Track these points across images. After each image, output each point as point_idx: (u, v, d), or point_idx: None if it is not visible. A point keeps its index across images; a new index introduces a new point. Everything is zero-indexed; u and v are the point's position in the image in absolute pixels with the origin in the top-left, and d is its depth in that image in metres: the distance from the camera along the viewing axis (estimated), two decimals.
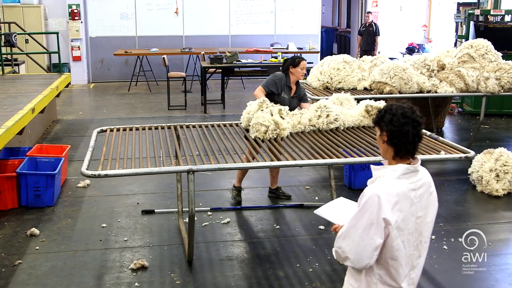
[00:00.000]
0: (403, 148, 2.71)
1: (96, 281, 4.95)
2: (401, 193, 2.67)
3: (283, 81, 6.51)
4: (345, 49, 20.17)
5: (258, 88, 6.50)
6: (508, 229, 6.16)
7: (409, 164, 2.73)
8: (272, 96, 6.39)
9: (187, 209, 4.87)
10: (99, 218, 6.29)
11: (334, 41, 22.13)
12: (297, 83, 6.67)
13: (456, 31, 14.79)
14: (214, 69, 12.48)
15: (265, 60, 13.05)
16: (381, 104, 5.90)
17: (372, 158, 4.96)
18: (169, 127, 5.96)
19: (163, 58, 12.89)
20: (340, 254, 2.75)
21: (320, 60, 9.74)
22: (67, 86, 11.91)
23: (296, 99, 6.65)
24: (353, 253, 2.68)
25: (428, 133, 5.63)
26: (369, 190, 2.68)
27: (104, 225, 6.10)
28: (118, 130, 5.81)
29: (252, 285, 4.88)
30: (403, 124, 2.68)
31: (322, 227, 6.06)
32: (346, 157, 4.99)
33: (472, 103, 11.84)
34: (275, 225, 6.13)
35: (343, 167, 7.45)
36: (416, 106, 2.78)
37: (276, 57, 13.08)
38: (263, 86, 6.48)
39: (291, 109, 6.13)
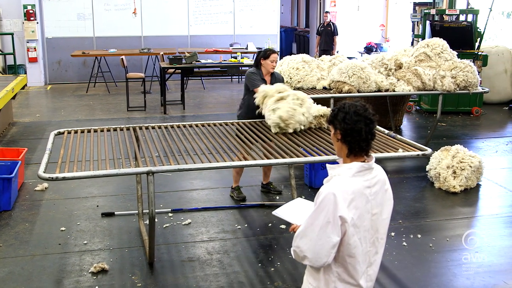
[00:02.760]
0: (357, 145, 2.73)
1: (55, 285, 4.87)
2: (357, 191, 2.69)
3: (258, 74, 6.57)
4: (304, 48, 20.29)
5: (255, 90, 6.50)
6: (465, 224, 6.28)
7: (364, 161, 2.76)
8: (251, 91, 6.42)
9: (148, 210, 4.83)
10: (58, 222, 6.19)
11: (293, 41, 22.25)
12: (272, 74, 6.70)
13: (413, 30, 15.02)
14: (174, 70, 12.41)
15: (224, 60, 13.03)
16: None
17: (332, 157, 5.00)
18: (128, 129, 5.89)
19: (122, 59, 12.76)
20: (298, 254, 2.76)
21: (280, 60, 9.78)
22: (23, 88, 11.70)
23: None
24: (311, 252, 2.69)
25: (386, 131, 5.70)
26: (324, 188, 2.70)
27: (63, 228, 6.01)
28: (76, 132, 5.72)
29: (213, 286, 4.87)
30: (356, 122, 2.71)
31: (283, 226, 6.08)
32: (306, 156, 5.02)
33: (429, 101, 12.05)
34: (236, 225, 6.13)
35: (304, 166, 7.49)
36: (369, 104, 2.82)
37: (235, 57, 13.08)
38: (252, 86, 6.50)
39: None
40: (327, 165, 2.90)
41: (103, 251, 5.51)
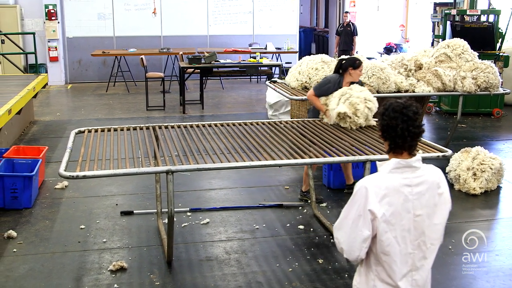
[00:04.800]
0: (393, 142, 2.74)
1: (74, 283, 4.91)
2: (391, 187, 2.69)
3: (336, 83, 6.49)
4: (323, 49, 20.24)
5: (310, 92, 6.52)
6: (485, 227, 6.23)
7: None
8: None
9: (166, 210, 4.85)
10: (77, 220, 6.24)
11: (312, 41, 22.20)
12: (353, 82, 6.65)
13: (433, 31, 14.93)
14: (193, 70, 12.44)
15: (243, 60, 13.04)
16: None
17: (350, 158, 4.99)
18: (147, 128, 5.92)
19: (141, 58, 12.82)
20: (337, 245, 2.82)
21: (299, 60, 9.76)
22: (44, 87, 11.82)
23: None
24: (346, 244, 2.75)
25: None
26: (359, 182, 2.74)
27: (83, 226, 6.06)
28: (96, 131, 5.76)
29: (231, 286, 4.88)
30: (392, 118, 2.73)
31: (301, 227, 6.08)
32: (325, 156, 5.01)
33: (449, 102, 11.95)
34: (254, 225, 6.13)
35: (322, 167, 7.47)
36: (414, 105, 2.77)
37: (254, 57, 13.07)
38: (315, 89, 6.51)
39: None
40: (377, 162, 2.91)
41: (122, 249, 5.55)
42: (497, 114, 11.71)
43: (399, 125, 2.71)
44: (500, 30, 12.16)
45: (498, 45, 12.06)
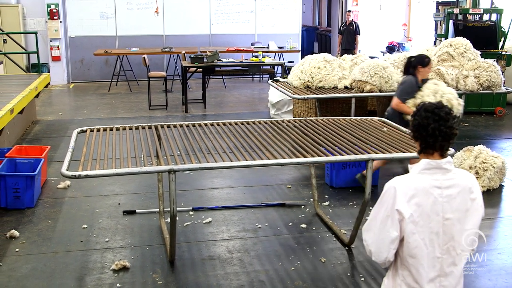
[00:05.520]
0: (424, 141, 2.74)
1: (77, 282, 4.91)
2: (420, 188, 2.67)
3: (414, 84, 6.52)
4: (325, 48, 20.22)
5: (395, 101, 6.61)
6: (487, 225, 6.22)
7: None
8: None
9: (169, 209, 4.85)
10: (80, 219, 6.24)
11: (314, 40, 22.19)
12: (424, 79, 6.65)
13: (436, 29, 14.89)
14: (195, 69, 12.44)
15: (246, 60, 13.04)
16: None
17: (353, 157, 4.98)
18: (150, 127, 5.92)
19: (144, 57, 12.83)
20: (366, 247, 2.81)
21: (301, 59, 9.76)
22: (46, 86, 11.81)
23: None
24: (374, 246, 2.74)
25: (408, 131, 5.65)
26: (388, 183, 2.73)
27: (85, 226, 6.06)
28: (98, 130, 5.76)
29: (234, 285, 4.88)
30: (424, 118, 2.73)
31: (304, 225, 6.08)
32: (327, 155, 5.00)
33: None
34: (257, 224, 6.13)
35: (325, 166, 7.47)
36: (447, 106, 2.78)
37: (257, 56, 13.07)
38: (400, 97, 6.58)
39: None
40: (408, 165, 2.90)
41: (125, 248, 5.55)
42: (500, 113, 11.69)
43: (431, 124, 2.70)
44: (502, 29, 12.14)
45: (501, 44, 12.04)
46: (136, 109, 12.37)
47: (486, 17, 12.60)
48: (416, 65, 6.47)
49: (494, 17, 12.38)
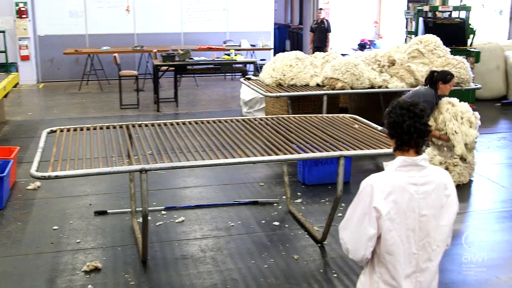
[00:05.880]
0: (399, 139, 2.74)
1: (48, 284, 4.85)
2: (397, 185, 2.68)
3: (434, 99, 6.49)
4: (297, 45, 20.26)
5: None
6: (457, 220, 6.27)
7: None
8: None
9: (141, 208, 4.82)
10: (50, 221, 6.16)
11: (286, 38, 22.22)
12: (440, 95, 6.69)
13: (406, 27, 15.03)
14: (167, 67, 12.37)
15: (218, 58, 13.01)
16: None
17: (324, 154, 5.00)
18: (121, 127, 5.88)
19: (114, 56, 12.72)
20: (343, 245, 2.80)
21: (273, 57, 9.77)
22: (15, 86, 11.64)
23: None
24: (351, 244, 2.74)
25: (379, 127, 5.70)
26: (365, 181, 2.73)
27: (56, 227, 5.98)
28: (68, 130, 5.70)
29: (207, 284, 4.86)
30: (399, 115, 2.74)
31: (276, 223, 6.09)
32: (299, 153, 5.02)
33: None
34: (229, 223, 6.12)
35: (297, 163, 7.49)
36: (423, 104, 2.79)
37: (229, 55, 13.05)
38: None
39: None
40: (383, 162, 2.91)
41: (96, 249, 5.49)
42: None
43: (406, 121, 2.71)
44: (471, 26, 12.29)
45: (470, 41, 12.20)
46: (107, 109, 12.26)
47: (455, 14, 12.75)
48: (437, 80, 6.45)
49: (463, 14, 12.52)
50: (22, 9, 15.04)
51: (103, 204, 6.65)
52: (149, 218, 4.94)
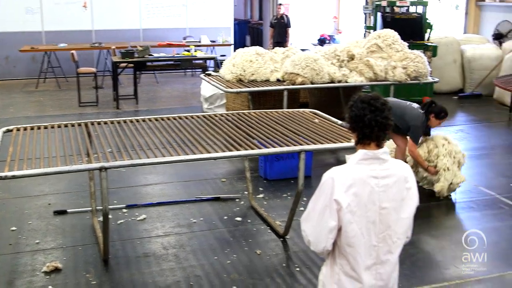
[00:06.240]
0: (361, 132, 2.75)
1: (7, 287, 4.76)
2: (358, 178, 2.69)
3: (422, 126, 6.59)
4: (257, 41, 20.29)
5: (413, 146, 6.60)
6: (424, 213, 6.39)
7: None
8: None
9: (101, 207, 4.76)
10: (8, 221, 6.04)
11: (247, 33, 22.21)
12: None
13: (365, 22, 15.17)
14: (126, 64, 12.23)
15: (177, 54, 12.92)
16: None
17: (285, 149, 5.02)
18: (79, 125, 5.79)
19: (72, 53, 12.52)
20: (304, 238, 2.81)
21: (233, 52, 9.76)
22: None
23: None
24: (313, 236, 2.75)
25: (340, 122, 5.75)
26: (326, 173, 2.74)
27: (14, 228, 5.87)
28: (25, 129, 5.58)
29: (170, 281, 4.84)
30: (360, 109, 2.74)
31: (239, 218, 6.09)
32: (260, 148, 5.03)
33: (382, 91, 12.17)
34: (191, 219, 6.10)
35: (258, 158, 7.50)
36: (381, 98, 2.80)
37: (188, 51, 12.97)
38: (415, 141, 6.60)
39: None
40: (345, 155, 2.91)
41: (56, 249, 5.41)
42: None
43: (367, 115, 2.71)
44: (428, 21, 12.47)
45: (427, 35, 12.39)
46: (65, 107, 12.06)
47: (412, 9, 12.92)
48: (432, 112, 6.55)
49: (420, 9, 12.70)
50: None
51: (63, 203, 6.55)
52: (110, 216, 4.88)
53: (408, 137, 6.67)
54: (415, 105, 6.76)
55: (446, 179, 6.55)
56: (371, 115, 2.72)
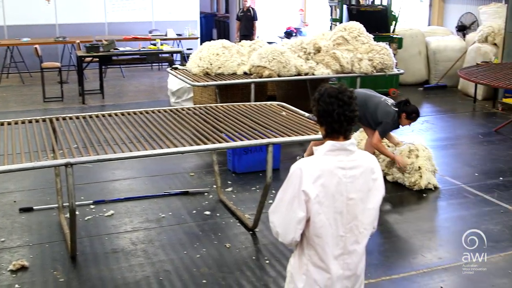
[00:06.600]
0: (330, 127, 2.74)
1: None
2: (326, 169, 2.69)
3: (393, 123, 6.69)
4: (224, 34, 20.22)
5: (378, 140, 6.64)
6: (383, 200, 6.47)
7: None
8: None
9: (68, 204, 4.70)
10: None
11: (213, 26, 22.12)
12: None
13: (331, 14, 15.23)
14: (91, 58, 12.09)
15: (143, 48, 12.81)
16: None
17: (253, 142, 5.03)
18: (44, 120, 5.70)
19: (36, 48, 12.32)
20: (272, 229, 2.80)
21: (200, 46, 9.71)
22: None
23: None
24: (281, 227, 2.74)
25: (307, 114, 5.77)
26: (294, 165, 2.73)
27: None
28: None
29: (139, 277, 4.81)
30: (328, 104, 2.72)
31: (207, 212, 6.08)
32: (228, 141, 5.02)
33: (348, 83, 12.25)
34: (160, 214, 6.07)
35: (226, 152, 7.49)
36: (349, 89, 2.78)
37: (155, 44, 12.88)
38: (381, 135, 6.65)
39: None
40: (313, 147, 2.90)
41: (22, 247, 5.33)
42: (393, 93, 12.13)
43: (336, 110, 2.71)
44: (393, 13, 12.59)
45: (392, 27, 12.50)
46: (29, 102, 11.86)
47: (377, 2, 13.03)
48: (403, 111, 6.61)
49: (385, 1, 12.82)
50: None
51: (29, 200, 6.45)
52: (77, 213, 4.82)
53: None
54: (390, 101, 6.81)
55: (427, 178, 6.72)
56: (340, 109, 2.71)
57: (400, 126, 6.82)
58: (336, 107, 2.72)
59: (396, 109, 6.64)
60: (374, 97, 6.82)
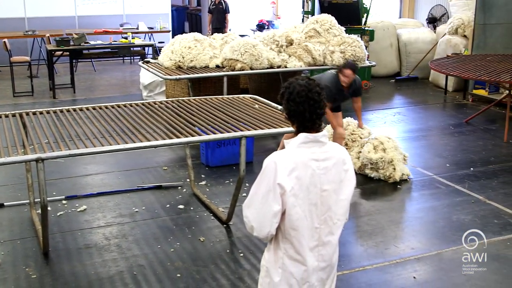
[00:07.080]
0: (302, 125, 2.74)
1: None
2: (299, 161, 2.69)
3: (334, 83, 6.78)
4: (196, 27, 20.13)
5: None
6: (355, 193, 6.52)
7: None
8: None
9: (39, 199, 4.65)
10: None
11: (185, 19, 22.02)
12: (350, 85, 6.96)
13: (303, 7, 15.25)
14: (61, 52, 11.94)
15: (115, 41, 12.70)
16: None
17: (226, 135, 5.02)
18: (14, 115, 5.62)
19: (4, 42, 12.12)
20: (247, 223, 2.77)
21: (172, 39, 9.66)
22: None
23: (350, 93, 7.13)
24: (256, 221, 2.72)
25: (280, 107, 5.77)
26: (268, 158, 2.72)
27: None
28: None
29: (113, 272, 4.78)
30: (299, 104, 2.70)
31: (181, 206, 6.07)
32: (201, 135, 5.01)
33: None
34: (133, 209, 6.04)
35: (200, 145, 7.47)
36: (315, 82, 2.76)
37: (126, 38, 12.77)
38: (329, 101, 6.55)
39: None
40: (284, 140, 2.88)
41: None
42: (365, 86, 12.21)
43: (307, 109, 2.70)
44: (365, 6, 12.65)
45: (364, 20, 12.57)
46: None
47: None
48: (342, 67, 6.82)
49: None
50: None
51: None
52: (49, 208, 4.79)
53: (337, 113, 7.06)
54: (334, 71, 7.09)
55: (401, 169, 6.81)
56: (311, 108, 2.72)
57: (344, 88, 6.97)
58: (307, 106, 2.71)
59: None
60: (321, 75, 7.09)
